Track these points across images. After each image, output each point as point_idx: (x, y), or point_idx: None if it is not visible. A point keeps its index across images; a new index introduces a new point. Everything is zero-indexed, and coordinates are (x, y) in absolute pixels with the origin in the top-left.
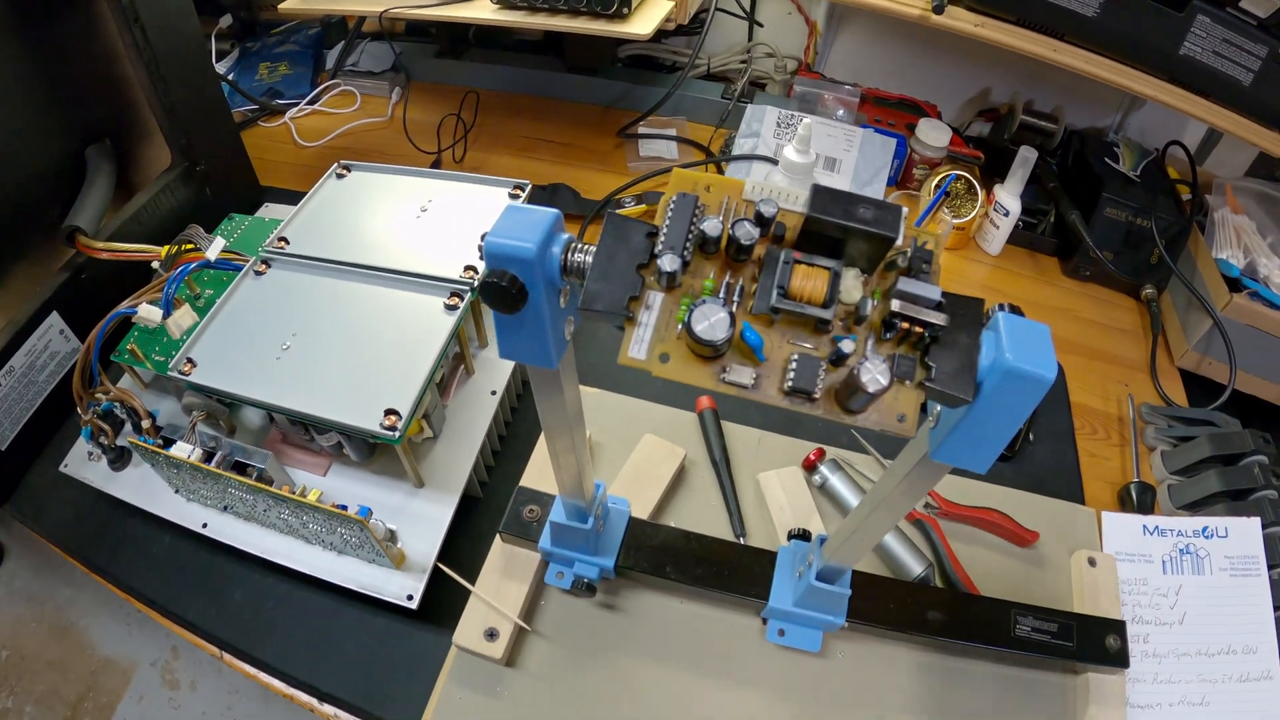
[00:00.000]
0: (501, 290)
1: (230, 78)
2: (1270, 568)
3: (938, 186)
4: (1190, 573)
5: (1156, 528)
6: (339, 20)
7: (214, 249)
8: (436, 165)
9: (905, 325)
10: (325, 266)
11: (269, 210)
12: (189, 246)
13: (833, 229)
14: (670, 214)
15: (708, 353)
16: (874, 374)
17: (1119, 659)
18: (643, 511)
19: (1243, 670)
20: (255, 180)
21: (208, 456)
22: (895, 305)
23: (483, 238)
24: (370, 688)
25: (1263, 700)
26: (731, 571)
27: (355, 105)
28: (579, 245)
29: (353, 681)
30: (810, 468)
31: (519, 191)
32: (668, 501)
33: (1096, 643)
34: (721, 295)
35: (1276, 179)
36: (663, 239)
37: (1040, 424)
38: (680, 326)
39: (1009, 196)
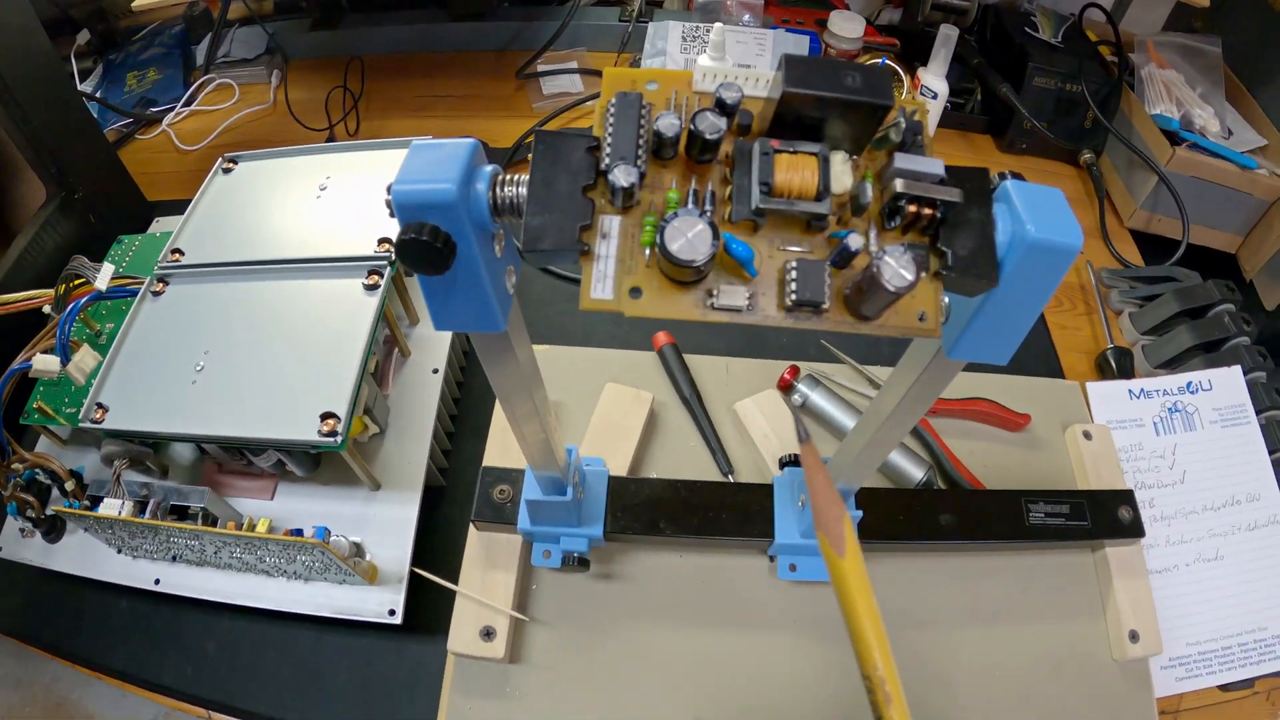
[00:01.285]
0: (423, 246)
1: (98, 94)
2: (1258, 413)
3: None
4: (1183, 430)
5: (1142, 390)
6: (202, 11)
7: (103, 277)
8: (330, 142)
9: (914, 208)
10: (227, 271)
11: (161, 225)
12: (78, 281)
13: (814, 106)
14: (611, 120)
15: (687, 276)
16: (896, 269)
17: (1134, 529)
18: (620, 467)
19: (1250, 519)
20: (141, 197)
21: (140, 507)
22: (899, 185)
23: (389, 190)
24: (371, 716)
25: (1274, 544)
26: (729, 514)
27: (234, 98)
28: (508, 176)
29: (351, 713)
30: (786, 388)
31: None
32: (644, 451)
33: (1110, 516)
34: (690, 205)
35: (1194, 29)
36: (608, 150)
37: None
38: (648, 252)
39: (934, 78)
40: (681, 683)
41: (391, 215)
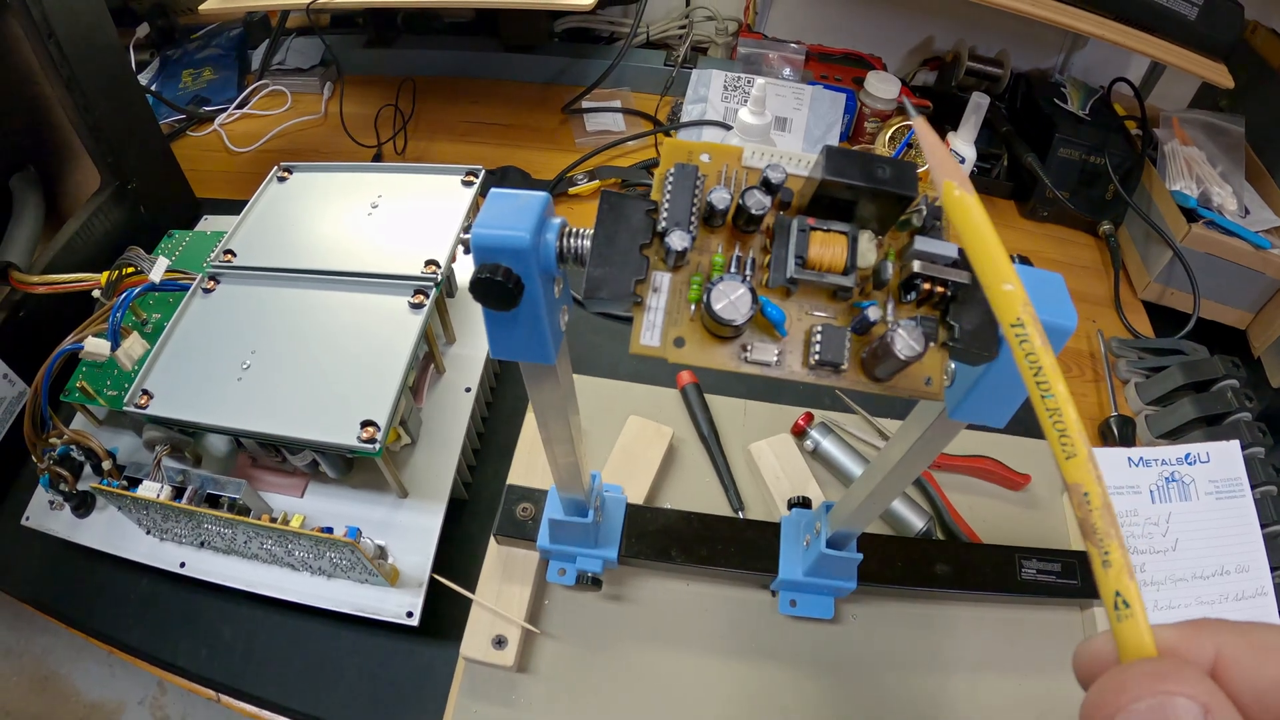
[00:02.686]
0: (497, 286)
1: (153, 89)
2: (1253, 487)
3: (894, 139)
4: (1178, 500)
5: (1141, 459)
6: (261, 18)
7: (157, 270)
8: (378, 159)
9: (928, 286)
10: (277, 276)
11: (209, 223)
12: (130, 270)
13: (848, 191)
14: (669, 187)
15: (726, 332)
16: (908, 341)
17: None
18: (637, 496)
19: (1238, 589)
20: (190, 193)
21: (177, 493)
22: (917, 266)
23: (466, 230)
24: (379, 712)
25: (1259, 616)
26: (737, 548)
27: (286, 105)
28: (573, 229)
29: (360, 708)
30: (800, 433)
31: (472, 178)
32: (661, 482)
33: None
34: (733, 270)
35: (1220, 108)
36: (665, 215)
37: None
38: (693, 307)
39: (963, 143)
40: (679, 705)
41: (467, 252)
